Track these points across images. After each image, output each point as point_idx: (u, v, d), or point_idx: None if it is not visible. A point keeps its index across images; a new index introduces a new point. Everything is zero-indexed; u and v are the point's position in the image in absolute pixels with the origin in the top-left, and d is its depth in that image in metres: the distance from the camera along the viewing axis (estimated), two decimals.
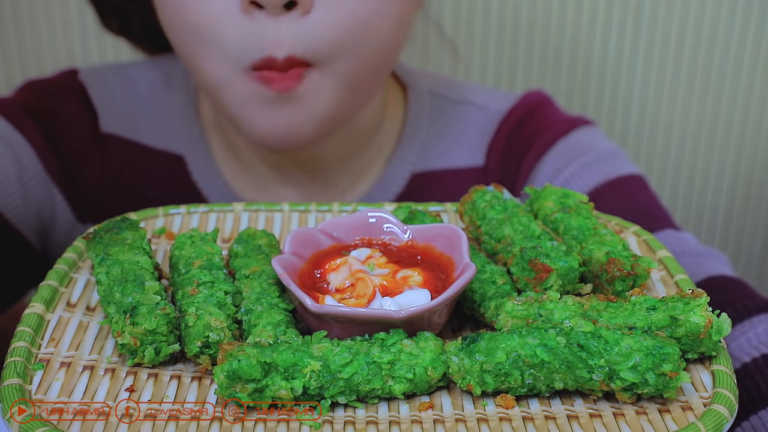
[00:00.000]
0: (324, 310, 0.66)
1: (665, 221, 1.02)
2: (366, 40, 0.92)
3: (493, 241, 0.76)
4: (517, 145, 1.10)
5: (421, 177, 1.10)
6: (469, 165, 1.11)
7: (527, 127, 1.11)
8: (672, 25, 1.49)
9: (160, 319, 0.66)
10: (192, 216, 0.86)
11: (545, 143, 1.09)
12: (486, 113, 1.13)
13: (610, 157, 1.09)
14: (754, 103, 1.55)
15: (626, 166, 1.09)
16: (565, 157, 1.08)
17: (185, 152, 1.09)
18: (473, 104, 1.13)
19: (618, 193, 1.04)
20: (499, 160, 1.10)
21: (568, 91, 1.53)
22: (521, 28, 1.48)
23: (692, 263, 0.95)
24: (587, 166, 1.07)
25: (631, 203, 1.03)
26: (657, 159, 1.59)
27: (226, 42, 0.90)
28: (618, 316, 0.66)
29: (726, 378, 0.65)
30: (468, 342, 0.64)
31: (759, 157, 1.59)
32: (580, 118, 1.13)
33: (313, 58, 0.90)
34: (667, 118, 1.56)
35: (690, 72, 1.52)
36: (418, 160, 1.10)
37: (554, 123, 1.11)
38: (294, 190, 1.08)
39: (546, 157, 1.08)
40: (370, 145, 1.09)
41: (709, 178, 1.61)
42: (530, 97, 1.14)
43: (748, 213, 1.64)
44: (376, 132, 1.09)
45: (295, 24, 0.88)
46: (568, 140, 1.09)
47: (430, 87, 1.14)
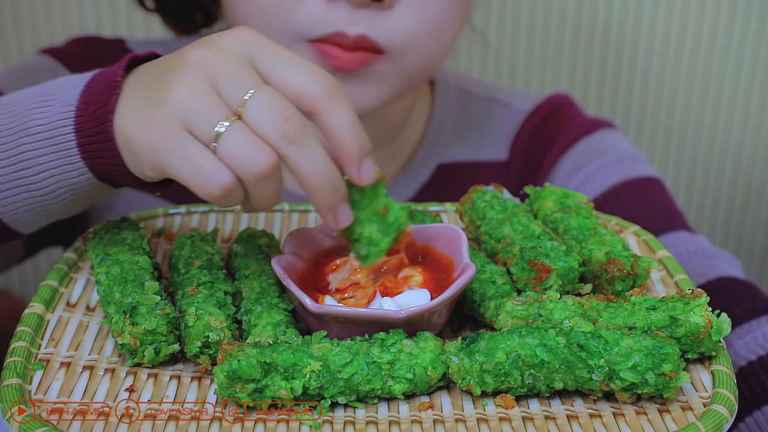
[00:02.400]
0: (324, 310, 0.66)
1: (680, 223, 1.04)
2: (437, 40, 0.93)
3: (492, 241, 0.76)
4: (540, 142, 1.12)
5: (447, 168, 1.11)
6: (493, 159, 1.13)
7: (551, 125, 1.13)
8: (672, 25, 1.49)
9: (160, 319, 0.66)
10: (192, 216, 0.86)
11: (568, 141, 1.11)
12: (511, 111, 1.15)
13: (631, 159, 1.11)
14: (754, 103, 1.55)
15: (646, 168, 1.11)
16: (587, 155, 1.10)
17: None
18: (499, 102, 1.16)
19: (636, 193, 1.06)
20: (522, 156, 1.12)
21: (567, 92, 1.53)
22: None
23: (704, 264, 0.96)
24: (608, 165, 1.08)
25: (648, 203, 1.05)
26: (657, 159, 1.59)
27: (298, 19, 0.89)
28: (618, 316, 0.66)
29: (726, 378, 0.65)
30: (468, 342, 0.64)
31: (759, 157, 1.59)
32: (603, 121, 1.15)
33: (385, 46, 0.90)
34: (667, 119, 1.56)
35: (690, 72, 1.52)
36: (444, 152, 1.11)
37: (578, 123, 1.13)
38: None
39: (567, 155, 1.10)
40: (399, 134, 1.10)
41: (709, 178, 1.61)
42: (555, 98, 1.16)
43: (748, 213, 1.63)
44: (405, 123, 1.10)
45: (376, 15, 0.88)
46: (590, 139, 1.11)
47: (457, 83, 1.16)
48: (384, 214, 0.67)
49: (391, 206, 0.67)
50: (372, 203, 0.67)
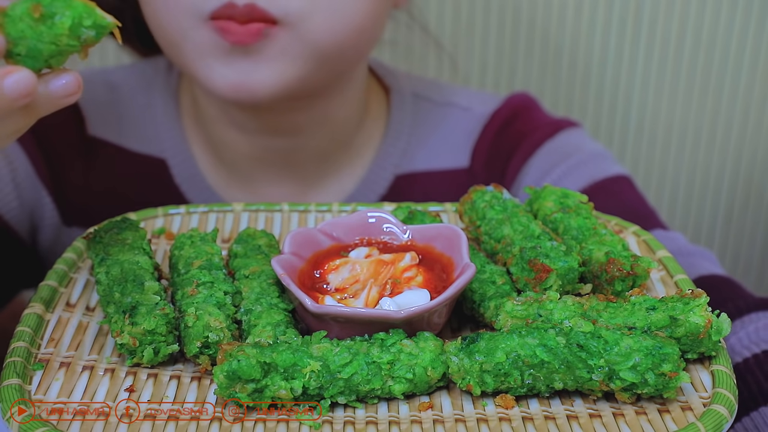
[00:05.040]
0: (324, 310, 0.66)
1: (653, 221, 1.03)
2: (340, 9, 0.90)
3: (492, 241, 0.76)
4: (502, 147, 1.10)
5: (405, 178, 1.09)
6: (453, 167, 1.10)
7: (513, 129, 1.11)
8: (672, 26, 1.49)
9: (160, 319, 0.66)
10: (192, 216, 0.86)
11: (531, 145, 1.09)
12: (470, 115, 1.12)
13: (597, 158, 1.09)
14: (754, 103, 1.55)
15: (613, 167, 1.09)
16: (552, 159, 1.08)
17: (167, 155, 1.09)
18: (457, 106, 1.13)
19: (605, 194, 1.04)
20: (484, 162, 1.10)
21: (567, 92, 1.53)
22: (521, 30, 1.48)
23: (684, 263, 0.95)
24: (574, 168, 1.07)
25: (618, 204, 1.03)
26: (657, 160, 1.59)
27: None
28: (618, 316, 0.66)
29: (726, 378, 0.65)
30: (468, 342, 0.64)
31: (759, 158, 1.59)
32: (566, 120, 1.13)
33: (278, 14, 0.88)
34: (667, 119, 1.56)
35: (690, 72, 1.52)
36: (401, 162, 1.09)
37: (540, 125, 1.11)
38: (276, 189, 1.08)
39: (532, 160, 1.08)
40: (351, 144, 1.08)
41: (709, 179, 1.61)
42: (515, 99, 1.14)
43: (748, 213, 1.63)
44: (358, 131, 1.08)
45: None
46: (554, 142, 1.09)
47: (413, 89, 1.13)
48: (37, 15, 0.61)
49: None
50: None
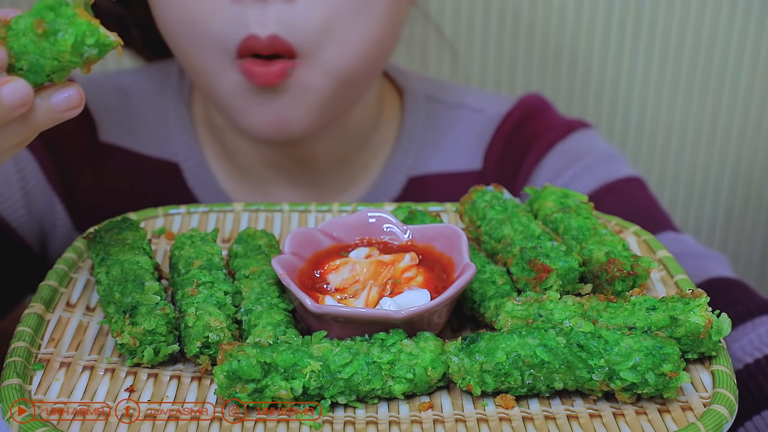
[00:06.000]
0: (324, 310, 0.66)
1: (665, 223, 1.02)
2: (356, 29, 0.91)
3: (493, 241, 0.76)
4: (514, 149, 1.10)
5: (418, 181, 1.09)
6: (466, 169, 1.11)
7: (525, 130, 1.11)
8: (672, 26, 1.49)
9: (160, 319, 0.66)
10: (192, 216, 0.86)
11: (543, 146, 1.09)
12: (483, 117, 1.12)
13: (609, 159, 1.09)
14: (754, 103, 1.55)
15: (625, 168, 1.09)
16: (564, 160, 1.08)
17: (180, 159, 1.09)
18: (470, 108, 1.13)
19: (617, 196, 1.04)
20: (496, 164, 1.10)
21: (567, 93, 1.53)
22: (521, 30, 1.48)
23: (693, 265, 0.95)
24: (586, 169, 1.07)
25: (630, 205, 1.03)
26: (657, 160, 1.59)
27: (214, 28, 0.90)
28: (618, 316, 0.66)
29: (726, 378, 0.65)
30: (468, 342, 0.64)
31: (759, 158, 1.59)
32: (578, 121, 1.13)
33: (298, 45, 0.90)
34: (667, 119, 1.56)
35: (690, 72, 1.52)
36: (414, 164, 1.10)
37: (552, 126, 1.11)
38: (290, 193, 1.08)
39: (544, 161, 1.08)
40: (366, 147, 1.09)
41: (709, 179, 1.61)
42: (527, 100, 1.14)
43: (748, 213, 1.63)
44: (372, 134, 1.09)
45: (282, 8, 0.88)
46: (566, 143, 1.09)
47: (426, 91, 1.14)
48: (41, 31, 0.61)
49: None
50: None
